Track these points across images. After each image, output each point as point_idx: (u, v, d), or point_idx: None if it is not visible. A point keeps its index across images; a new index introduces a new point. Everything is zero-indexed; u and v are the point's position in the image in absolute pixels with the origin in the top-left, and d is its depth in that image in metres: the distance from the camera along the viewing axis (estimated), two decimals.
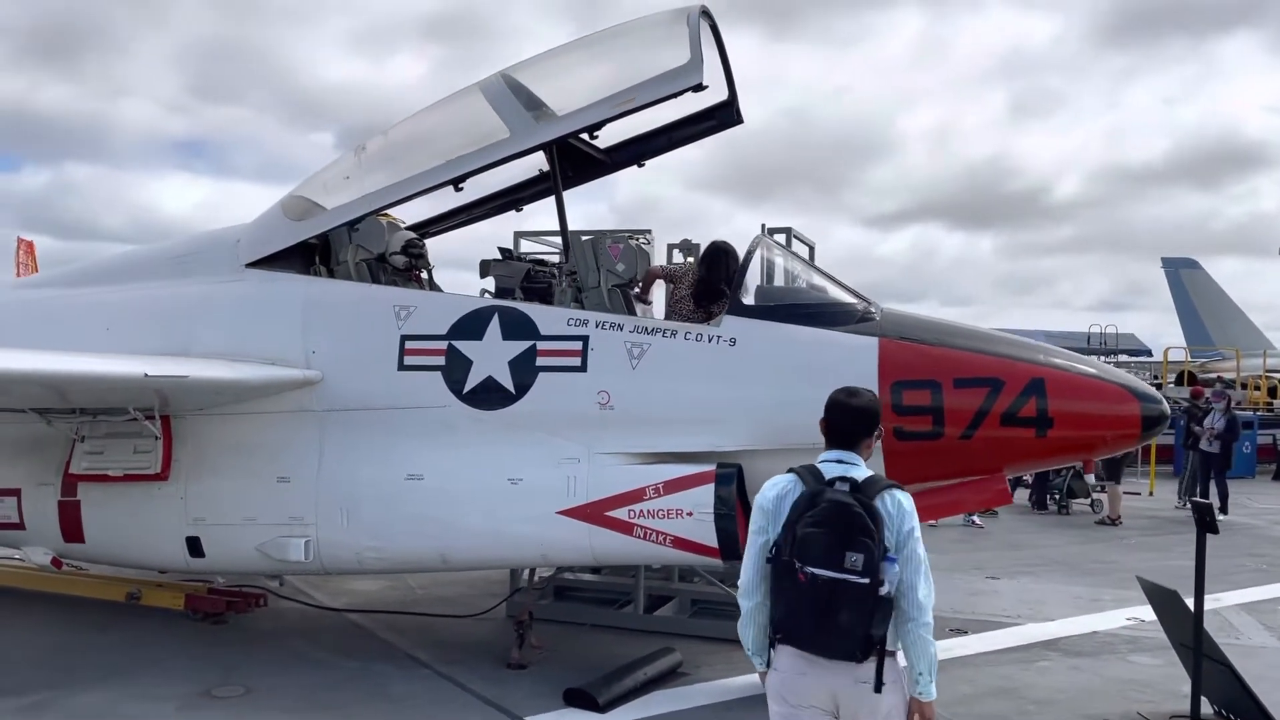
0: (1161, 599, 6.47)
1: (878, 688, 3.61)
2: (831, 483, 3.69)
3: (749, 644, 3.91)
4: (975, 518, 14.80)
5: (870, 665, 3.62)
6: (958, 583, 10.65)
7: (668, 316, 7.24)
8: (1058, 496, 16.73)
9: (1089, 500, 16.49)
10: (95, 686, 6.69)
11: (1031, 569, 11.61)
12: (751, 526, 3.87)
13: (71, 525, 7.42)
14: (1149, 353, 37.62)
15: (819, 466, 3.80)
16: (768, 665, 3.85)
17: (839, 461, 3.79)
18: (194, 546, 7.13)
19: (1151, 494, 19.21)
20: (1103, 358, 30.69)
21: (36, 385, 6.58)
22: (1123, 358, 35.73)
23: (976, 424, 6.08)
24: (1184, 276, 36.66)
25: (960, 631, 8.57)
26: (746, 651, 3.93)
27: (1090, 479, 16.29)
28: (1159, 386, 28.88)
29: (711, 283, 7.00)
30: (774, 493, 3.81)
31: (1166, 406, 6.28)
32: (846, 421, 3.87)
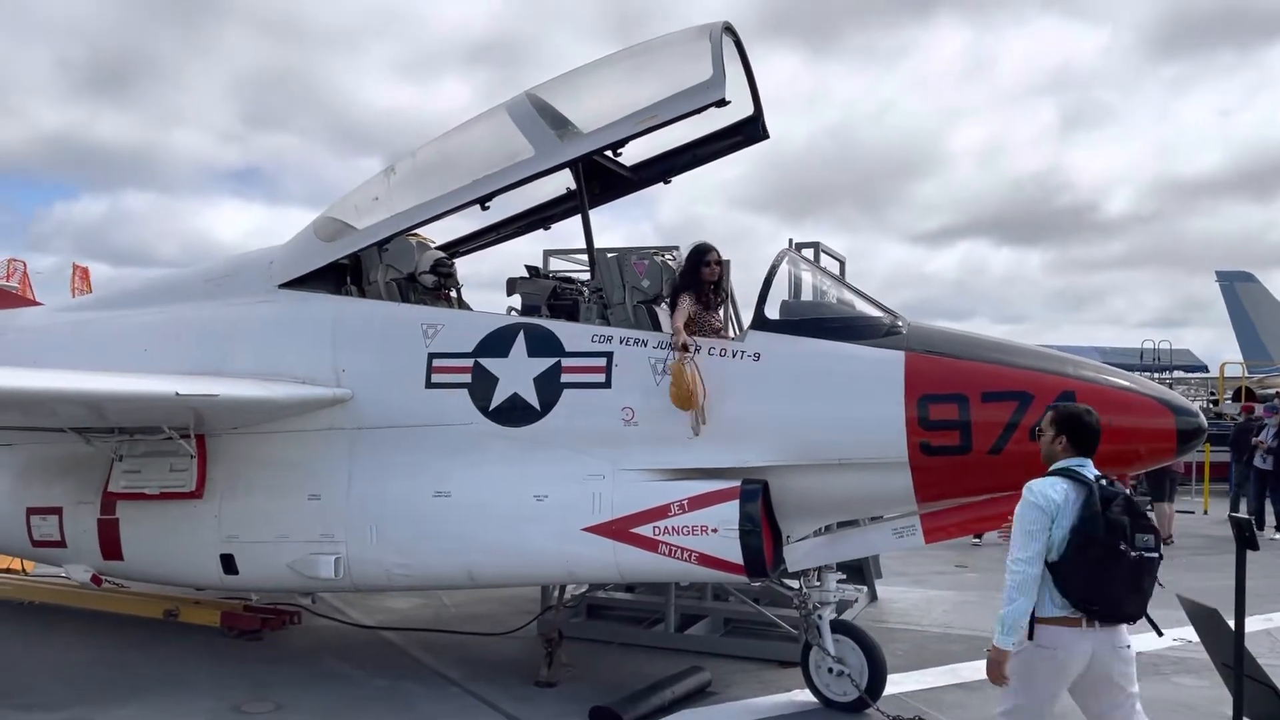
0: (1202, 617, 6.29)
1: (1160, 633, 4.90)
2: (1098, 481, 4.52)
3: (1020, 618, 4.44)
4: None
5: (1125, 630, 4.52)
6: (999, 602, 10.44)
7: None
8: None
9: None
10: (126, 702, 6.79)
11: None
12: (1034, 525, 4.46)
13: (110, 543, 7.54)
14: (1205, 369, 36.81)
15: (1074, 470, 4.56)
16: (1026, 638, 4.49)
17: (1082, 467, 4.59)
18: (228, 563, 7.22)
19: (1206, 512, 18.73)
20: (1156, 374, 30.18)
21: (76, 404, 6.74)
22: (1178, 374, 35.00)
23: (1006, 438, 5.95)
24: (1240, 290, 35.81)
25: None
26: (1008, 622, 4.42)
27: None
28: (1215, 403, 28.27)
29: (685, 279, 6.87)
30: (1057, 495, 4.48)
31: (1203, 420, 6.10)
32: (1091, 435, 4.66)
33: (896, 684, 7.06)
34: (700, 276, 6.82)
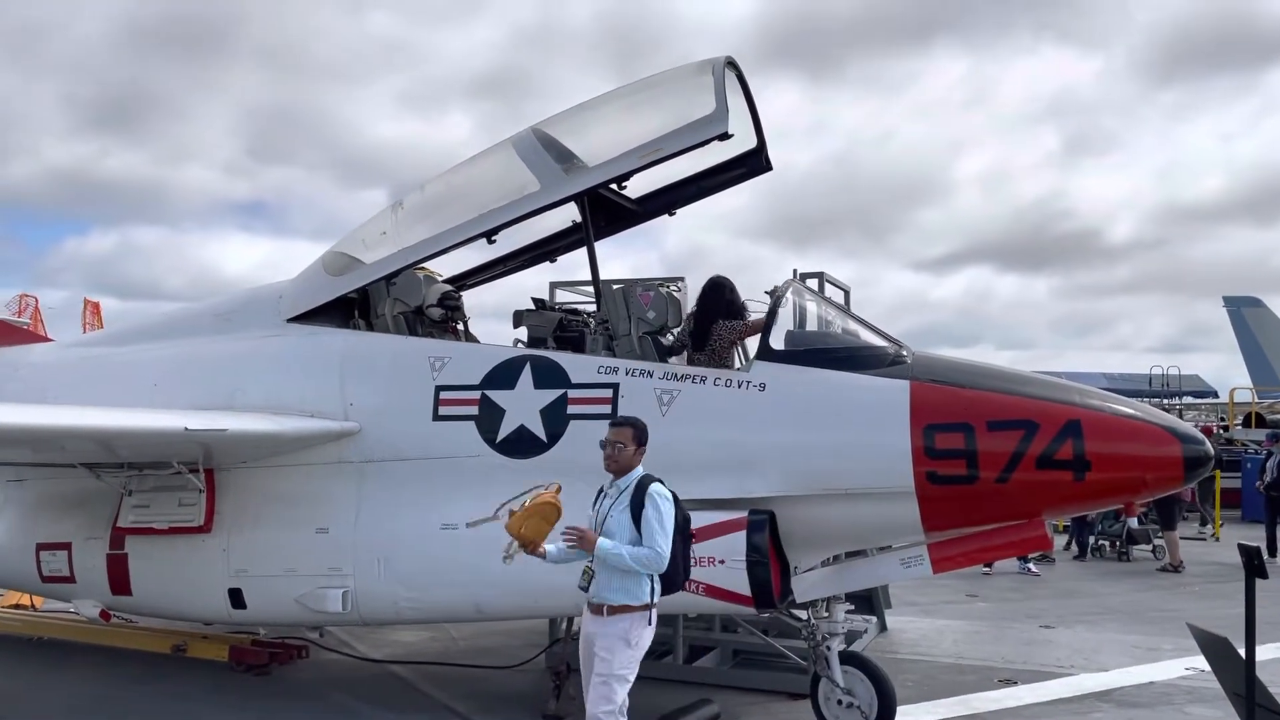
0: (1213, 646, 6.23)
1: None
2: None
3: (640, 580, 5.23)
4: (1031, 565, 14.44)
5: None
6: (1010, 632, 10.40)
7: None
8: (1118, 544, 16.29)
9: (1150, 547, 16.02)
10: None
11: (1088, 617, 11.28)
12: (670, 522, 5.20)
13: (119, 578, 7.56)
14: (1214, 394, 36.74)
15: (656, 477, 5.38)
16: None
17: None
18: (236, 598, 7.23)
19: (1217, 539, 18.61)
20: (1166, 400, 30.06)
21: (86, 440, 6.77)
22: (1187, 399, 34.91)
23: (1012, 467, 5.95)
24: (1247, 315, 35.74)
25: (1010, 682, 8.34)
26: (630, 563, 5.17)
27: (1132, 522, 15.91)
28: (1225, 428, 28.15)
29: (704, 316, 6.97)
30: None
31: (1210, 447, 6.10)
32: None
33: (906, 715, 7.02)
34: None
